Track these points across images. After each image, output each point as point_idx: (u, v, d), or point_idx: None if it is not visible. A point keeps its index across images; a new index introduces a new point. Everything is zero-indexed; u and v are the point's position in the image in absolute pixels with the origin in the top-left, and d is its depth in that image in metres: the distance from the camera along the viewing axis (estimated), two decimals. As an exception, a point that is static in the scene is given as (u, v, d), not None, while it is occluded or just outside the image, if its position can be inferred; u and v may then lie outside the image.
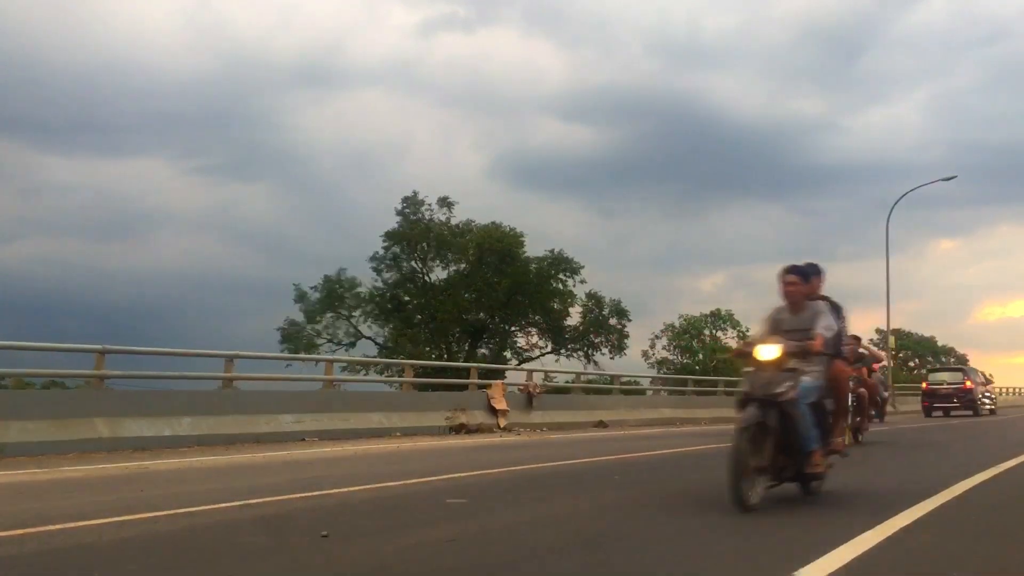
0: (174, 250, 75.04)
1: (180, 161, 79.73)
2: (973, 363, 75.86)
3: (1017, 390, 55.91)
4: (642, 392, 31.27)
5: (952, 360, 77.88)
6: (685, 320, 56.33)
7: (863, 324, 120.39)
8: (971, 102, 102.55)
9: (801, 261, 6.99)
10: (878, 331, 63.49)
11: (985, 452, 12.19)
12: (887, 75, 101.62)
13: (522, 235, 45.44)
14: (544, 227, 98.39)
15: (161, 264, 73.86)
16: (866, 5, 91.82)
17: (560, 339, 47.19)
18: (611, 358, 47.11)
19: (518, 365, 43.87)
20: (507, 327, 47.06)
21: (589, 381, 28.64)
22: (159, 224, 79.33)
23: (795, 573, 3.98)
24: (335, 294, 44.85)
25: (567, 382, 25.77)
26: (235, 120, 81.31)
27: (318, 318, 44.72)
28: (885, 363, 19.20)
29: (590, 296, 47.35)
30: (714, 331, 56.69)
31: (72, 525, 5.28)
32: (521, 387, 18.90)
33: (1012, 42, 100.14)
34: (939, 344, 77.39)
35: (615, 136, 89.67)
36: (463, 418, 16.11)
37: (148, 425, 11.37)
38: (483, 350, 45.30)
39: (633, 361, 51.35)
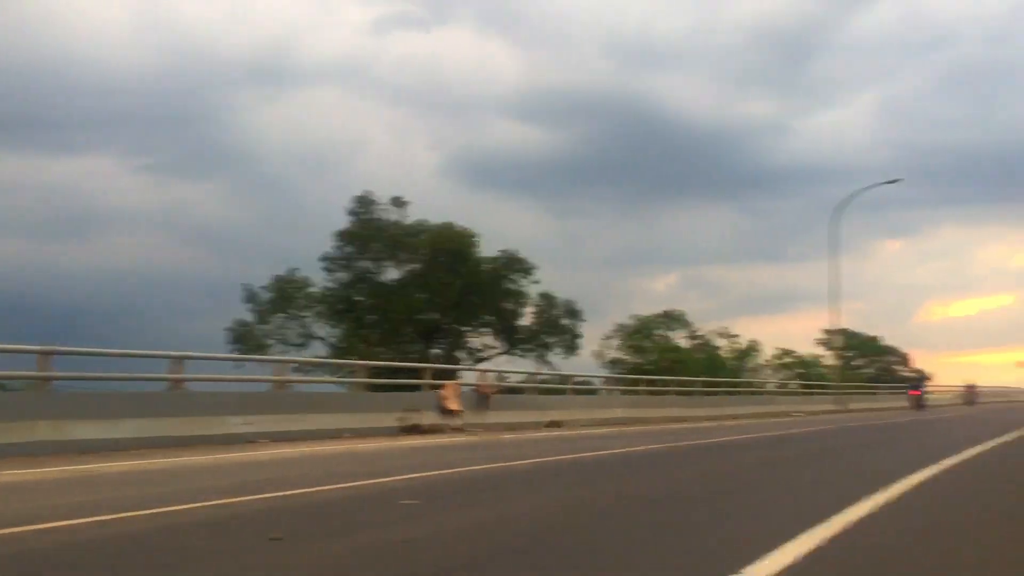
0: (122, 249, 73.65)
1: (129, 159, 78.30)
2: (916, 363, 77.68)
3: (951, 389, 57.29)
4: (595, 392, 31.41)
5: (896, 359, 79.48)
6: (637, 320, 56.75)
7: (810, 324, 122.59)
8: (917, 106, 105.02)
9: None
10: (825, 331, 64.65)
11: (934, 448, 12.45)
12: (836, 79, 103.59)
13: (475, 235, 45.44)
14: (497, 227, 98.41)
15: (109, 263, 72.56)
16: (816, 10, 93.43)
17: (513, 339, 47.23)
18: (564, 358, 47.31)
19: (471, 365, 43.85)
20: (460, 327, 46.98)
21: (542, 381, 28.72)
22: (107, 223, 77.98)
23: (742, 570, 4.01)
24: (286, 294, 44.38)
25: (520, 382, 25.79)
26: (185, 117, 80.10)
27: (268, 318, 44.22)
28: None
29: (543, 296, 47.48)
30: (666, 331, 57.20)
31: (14, 530, 5.13)
32: (474, 387, 18.87)
33: (958, 47, 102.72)
34: (883, 344, 78.82)
35: (569, 136, 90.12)
36: (416, 419, 16.03)
37: (94, 427, 11.14)
38: (436, 350, 45.17)
39: (586, 361, 51.63)
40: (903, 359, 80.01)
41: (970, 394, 52.10)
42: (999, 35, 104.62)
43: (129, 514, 5.80)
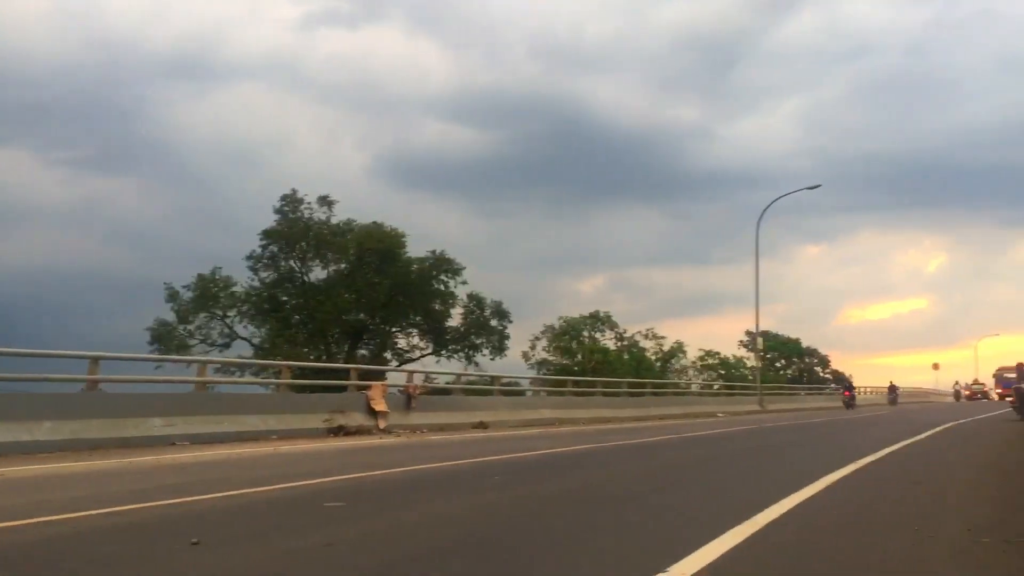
0: (37, 245, 71.38)
1: (46, 152, 75.90)
2: (834, 364, 79.98)
3: (875, 390, 59.13)
4: (522, 393, 31.53)
5: (815, 360, 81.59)
6: (564, 321, 57.13)
7: (734, 326, 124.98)
8: (836, 114, 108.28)
9: None
10: (748, 333, 66.07)
11: (852, 447, 12.79)
12: (759, 86, 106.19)
13: (404, 235, 45.25)
14: (426, 227, 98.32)
15: (23, 260, 70.18)
16: (740, 18, 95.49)
17: (441, 340, 47.13)
18: (492, 359, 47.41)
19: (398, 366, 43.62)
20: (388, 328, 46.70)
21: (470, 382, 28.68)
22: (21, 218, 75.34)
23: (668, 568, 4.08)
24: (209, 293, 43.54)
25: (448, 383, 25.74)
26: (106, 111, 78.00)
27: (191, 318, 43.31)
28: None
29: (471, 297, 47.51)
30: (593, 333, 57.71)
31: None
32: (401, 388, 18.77)
33: (875, 58, 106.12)
34: (804, 346, 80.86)
35: (499, 138, 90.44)
36: (342, 420, 15.88)
37: (5, 430, 10.76)
38: (363, 351, 44.83)
39: (513, 362, 51.81)
40: (823, 361, 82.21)
41: (893, 394, 55.98)
42: (915, 47, 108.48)
43: (45, 519, 5.64)
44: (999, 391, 62.65)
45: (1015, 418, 23.57)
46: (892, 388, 57.05)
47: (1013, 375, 62.47)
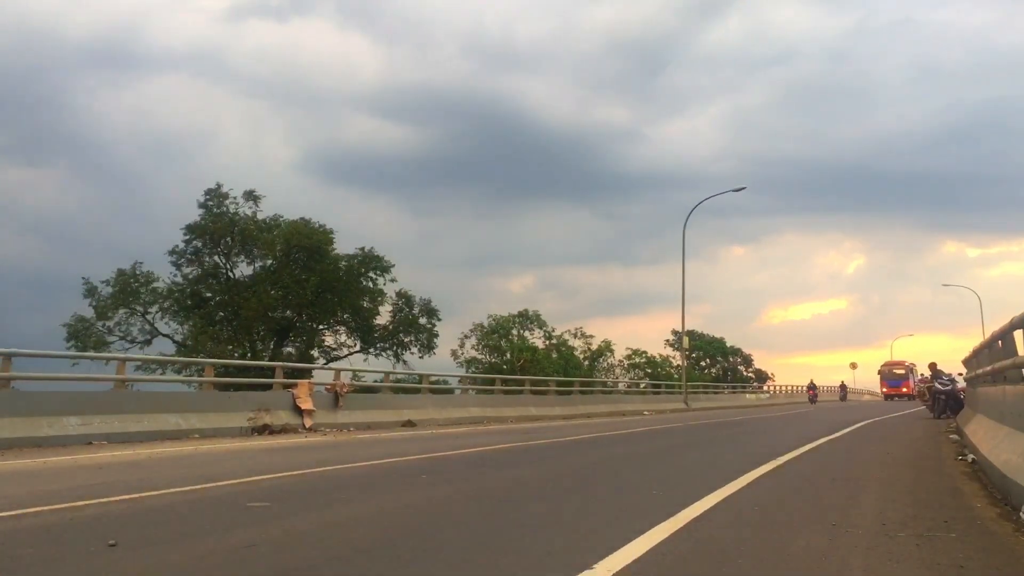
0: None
1: (-46, 141, 73.01)
2: (757, 363, 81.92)
3: (795, 388, 60.57)
4: (450, 391, 31.45)
5: (739, 359, 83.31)
6: (494, 320, 57.26)
7: (660, 326, 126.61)
8: (761, 118, 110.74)
9: None
10: (674, 332, 67.09)
11: (775, 444, 13.07)
12: (686, 89, 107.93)
13: (332, 232, 44.76)
14: (355, 224, 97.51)
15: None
16: (668, 22, 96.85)
17: (369, 338, 46.76)
18: (420, 357, 47.22)
19: (326, 364, 43.14)
20: (315, 325, 46.15)
21: (398, 380, 28.45)
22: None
23: (593, 566, 4.11)
24: (129, 289, 42.43)
25: (375, 381, 25.53)
26: (22, 100, 75.32)
27: (110, 314, 42.14)
28: None
29: (400, 295, 47.25)
30: (522, 331, 57.94)
31: None
32: (328, 386, 18.57)
33: (799, 63, 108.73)
34: (728, 345, 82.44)
35: (429, 135, 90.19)
36: (267, 418, 15.65)
37: (-91, 430, 10.34)
38: (290, 349, 44.22)
39: (442, 360, 51.75)
40: (747, 360, 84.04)
41: (844, 391, 64.34)
42: (837, 54, 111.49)
43: (-52, 523, 5.41)
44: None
45: (929, 415, 24.44)
46: (843, 386, 65.16)
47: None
